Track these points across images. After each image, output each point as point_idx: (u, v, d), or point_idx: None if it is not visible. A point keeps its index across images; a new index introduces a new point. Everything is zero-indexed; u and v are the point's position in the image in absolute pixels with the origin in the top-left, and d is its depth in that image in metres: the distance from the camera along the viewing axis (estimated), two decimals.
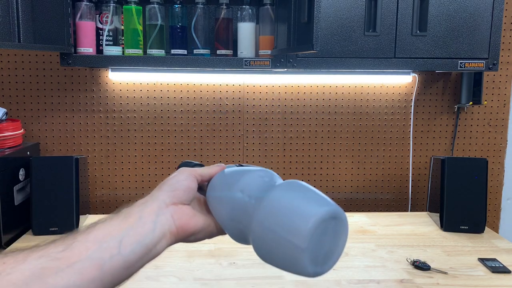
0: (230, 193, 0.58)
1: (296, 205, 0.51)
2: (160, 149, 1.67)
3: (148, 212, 0.55)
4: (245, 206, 0.56)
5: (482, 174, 1.44)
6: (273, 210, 0.52)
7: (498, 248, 1.33)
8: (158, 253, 0.56)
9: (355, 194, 1.75)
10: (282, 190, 0.54)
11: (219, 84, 1.65)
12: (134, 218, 0.54)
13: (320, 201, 0.52)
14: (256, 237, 0.53)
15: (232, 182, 0.60)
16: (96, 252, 0.49)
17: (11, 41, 1.10)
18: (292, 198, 0.52)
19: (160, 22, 1.39)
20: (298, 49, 1.15)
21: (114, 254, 0.50)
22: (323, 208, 0.50)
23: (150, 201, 0.57)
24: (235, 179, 0.60)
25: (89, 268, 0.48)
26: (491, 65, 1.36)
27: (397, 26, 1.32)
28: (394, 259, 1.25)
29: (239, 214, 0.56)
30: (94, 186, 1.66)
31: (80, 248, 0.49)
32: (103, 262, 0.49)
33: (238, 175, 0.61)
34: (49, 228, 1.38)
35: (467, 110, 1.72)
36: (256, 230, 0.53)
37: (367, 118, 1.70)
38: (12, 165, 1.37)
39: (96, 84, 1.62)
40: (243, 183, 0.58)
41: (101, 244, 0.50)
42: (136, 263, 0.53)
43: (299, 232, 0.48)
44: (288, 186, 0.55)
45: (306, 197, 0.52)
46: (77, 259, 0.48)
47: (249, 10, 1.41)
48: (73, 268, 0.48)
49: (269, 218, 0.52)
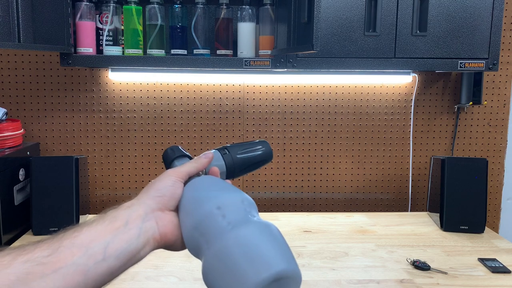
0: (207, 205, 0.56)
1: (258, 253, 0.50)
2: (160, 149, 1.67)
3: (134, 217, 0.56)
4: (216, 225, 0.54)
5: (482, 174, 1.44)
6: (238, 247, 0.50)
7: (498, 248, 1.33)
8: (141, 259, 0.56)
9: (355, 194, 1.75)
10: (255, 231, 0.52)
11: (219, 84, 1.65)
12: (120, 223, 0.55)
13: (282, 256, 0.50)
14: (210, 260, 0.52)
15: (212, 195, 0.58)
16: (81, 258, 0.50)
17: (11, 41, 1.10)
18: (258, 244, 0.51)
19: (160, 22, 1.39)
20: (298, 49, 1.15)
21: (98, 260, 0.51)
22: (280, 266, 0.49)
23: (136, 205, 0.57)
24: (217, 192, 0.59)
25: (74, 274, 0.49)
26: (491, 65, 1.36)
27: (397, 26, 1.32)
28: (394, 259, 1.25)
29: (206, 228, 0.55)
30: (94, 186, 1.66)
31: (66, 253, 0.50)
32: (87, 268, 0.50)
33: (220, 188, 0.60)
34: (49, 228, 1.38)
35: (467, 110, 1.72)
36: (214, 255, 0.52)
37: (367, 118, 1.70)
38: (12, 165, 1.37)
39: (96, 84, 1.62)
40: (223, 201, 0.56)
41: (87, 250, 0.51)
42: (120, 268, 0.53)
43: (248, 282, 0.48)
44: (262, 230, 0.53)
45: (271, 249, 0.51)
46: (62, 264, 0.49)
47: (249, 10, 1.41)
48: (57, 273, 0.48)
49: (231, 253, 0.50)
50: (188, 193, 0.60)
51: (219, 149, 0.73)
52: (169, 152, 0.71)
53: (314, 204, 1.75)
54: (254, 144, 0.76)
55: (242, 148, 0.74)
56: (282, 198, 1.73)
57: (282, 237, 0.54)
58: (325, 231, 1.46)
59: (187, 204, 0.59)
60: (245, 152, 0.74)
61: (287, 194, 1.73)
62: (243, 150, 0.74)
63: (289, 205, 1.74)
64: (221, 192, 0.59)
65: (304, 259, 1.24)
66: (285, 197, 1.73)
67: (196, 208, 0.57)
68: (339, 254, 1.28)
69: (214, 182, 0.62)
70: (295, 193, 1.73)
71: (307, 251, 1.29)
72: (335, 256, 1.27)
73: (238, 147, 0.74)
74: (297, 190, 1.73)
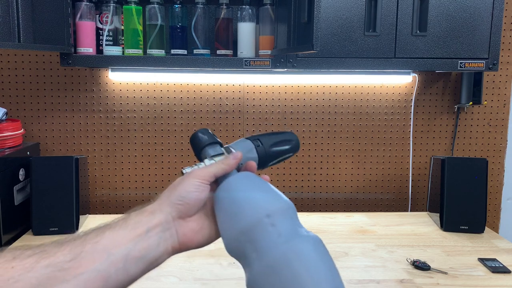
0: (255, 211, 0.55)
1: (316, 269, 0.50)
2: (160, 149, 1.67)
3: (155, 224, 0.56)
4: (266, 235, 0.53)
5: (482, 174, 1.44)
6: (295, 261, 0.50)
7: (498, 248, 1.33)
8: (158, 265, 0.57)
9: (355, 194, 1.75)
10: (309, 246, 0.52)
11: (219, 84, 1.65)
12: (141, 230, 0.55)
13: (334, 274, 0.51)
14: (262, 271, 0.51)
15: (259, 199, 0.57)
16: (102, 264, 0.50)
17: (11, 41, 1.10)
18: (315, 260, 0.51)
19: (160, 22, 1.39)
20: (298, 49, 1.15)
21: (119, 267, 0.51)
22: (335, 282, 0.50)
23: (158, 212, 0.57)
24: (263, 195, 0.57)
25: (95, 280, 0.49)
26: (491, 65, 1.36)
27: (397, 26, 1.32)
28: (394, 259, 1.25)
29: (255, 236, 0.53)
30: (94, 186, 1.66)
31: (88, 259, 0.50)
32: (108, 274, 0.50)
33: (265, 190, 0.58)
34: (49, 228, 1.38)
35: (467, 110, 1.72)
36: (267, 266, 0.51)
37: (367, 118, 1.70)
38: (12, 165, 1.37)
39: (96, 84, 1.62)
40: (272, 208, 0.55)
41: (108, 256, 0.51)
42: (138, 275, 0.54)
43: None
44: (315, 246, 0.53)
45: (325, 265, 0.52)
46: (83, 270, 0.49)
47: (249, 10, 1.41)
48: (78, 279, 0.48)
49: (288, 267, 0.50)
50: (228, 194, 0.58)
51: (251, 139, 0.69)
52: (200, 136, 0.66)
53: (314, 204, 1.75)
54: (286, 135, 0.73)
55: (275, 140, 0.70)
56: None
57: (328, 252, 0.55)
58: (325, 231, 1.46)
59: (228, 207, 0.57)
60: (278, 145, 0.70)
61: (287, 194, 1.73)
62: (277, 142, 0.70)
63: None
64: (267, 196, 0.57)
65: None
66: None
67: (242, 212, 0.55)
68: (339, 254, 1.28)
69: (256, 182, 0.60)
70: (295, 193, 1.73)
71: None
72: (335, 256, 1.26)
73: (271, 139, 0.70)
74: (297, 190, 1.73)
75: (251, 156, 0.67)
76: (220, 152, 0.65)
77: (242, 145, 0.68)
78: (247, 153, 0.66)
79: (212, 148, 0.65)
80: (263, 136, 0.70)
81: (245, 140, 0.69)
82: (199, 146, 0.65)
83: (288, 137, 0.73)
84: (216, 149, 0.65)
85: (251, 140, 0.68)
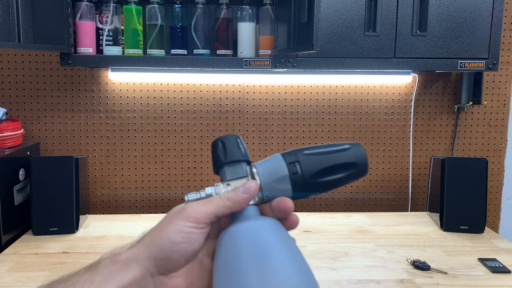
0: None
1: None
2: (160, 149, 1.67)
3: (127, 283, 0.43)
4: None
5: (482, 174, 1.44)
6: None
7: (498, 248, 1.33)
8: None
9: (355, 194, 1.75)
10: None
11: (219, 84, 1.65)
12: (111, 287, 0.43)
13: None
14: None
15: (282, 280, 0.39)
16: None
17: (11, 41, 1.10)
18: None
19: (160, 22, 1.39)
20: (298, 49, 1.15)
21: None
22: None
23: (133, 264, 0.44)
24: (287, 278, 0.39)
25: None
26: (491, 65, 1.36)
27: (397, 26, 1.32)
28: (394, 259, 1.25)
29: None
30: (94, 186, 1.66)
31: None
32: None
33: (292, 272, 0.40)
34: (49, 228, 1.38)
35: (467, 110, 1.72)
36: None
37: (367, 118, 1.70)
38: (12, 165, 1.37)
39: (96, 84, 1.62)
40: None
41: None
42: None
43: None
44: None
45: None
46: None
47: (249, 10, 1.41)
48: None
49: None
50: (231, 258, 0.42)
51: (287, 158, 0.48)
52: (220, 149, 0.48)
53: (314, 204, 1.75)
54: (344, 154, 0.48)
55: (323, 164, 0.47)
56: None
57: None
58: (325, 231, 1.46)
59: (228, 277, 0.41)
60: (328, 173, 0.48)
61: None
62: (326, 168, 0.47)
63: None
64: (293, 279, 0.39)
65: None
66: None
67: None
68: (339, 254, 1.28)
69: (277, 248, 0.42)
70: None
71: (307, 251, 1.29)
72: (335, 256, 1.27)
73: (317, 161, 0.47)
74: None
75: (281, 187, 0.47)
76: (241, 175, 0.48)
77: (272, 167, 0.47)
78: (275, 183, 0.47)
79: (231, 168, 0.48)
80: (307, 156, 0.48)
81: (280, 159, 0.48)
82: (218, 162, 0.49)
83: (348, 159, 0.48)
84: (236, 169, 0.48)
85: (287, 162, 0.47)
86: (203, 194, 0.47)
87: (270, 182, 0.47)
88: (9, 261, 1.22)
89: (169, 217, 0.45)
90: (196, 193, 0.47)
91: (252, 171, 0.48)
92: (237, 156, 0.48)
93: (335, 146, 0.48)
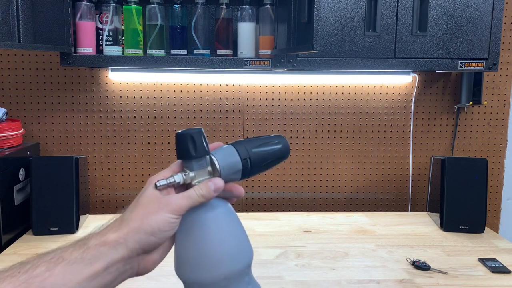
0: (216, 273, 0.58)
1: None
2: (160, 149, 1.67)
3: (116, 260, 0.52)
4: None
5: (482, 174, 1.44)
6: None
7: (498, 248, 1.33)
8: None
9: (355, 194, 1.75)
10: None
11: (219, 84, 1.65)
12: (100, 266, 0.50)
13: None
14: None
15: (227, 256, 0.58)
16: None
17: (11, 41, 1.10)
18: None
19: (160, 22, 1.39)
20: (298, 49, 1.15)
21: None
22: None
23: (122, 246, 0.52)
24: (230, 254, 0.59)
25: None
26: (491, 65, 1.36)
27: (397, 26, 1.32)
28: (394, 259, 1.25)
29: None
30: (94, 186, 1.66)
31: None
32: None
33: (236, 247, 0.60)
34: (49, 228, 1.38)
35: (467, 110, 1.72)
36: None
37: (367, 118, 1.70)
38: (12, 165, 1.37)
39: (96, 84, 1.62)
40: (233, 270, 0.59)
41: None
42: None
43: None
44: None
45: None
46: None
47: (249, 10, 1.41)
48: None
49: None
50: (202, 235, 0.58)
51: (240, 151, 0.62)
52: (189, 144, 0.59)
53: (314, 204, 1.75)
54: (271, 138, 0.65)
55: (258, 143, 0.63)
56: (282, 198, 1.73)
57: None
58: (325, 231, 1.46)
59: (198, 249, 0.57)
60: (262, 146, 0.63)
61: (287, 194, 1.73)
62: (259, 144, 0.63)
63: (289, 205, 1.74)
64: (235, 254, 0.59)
65: (304, 259, 1.24)
66: (285, 197, 1.73)
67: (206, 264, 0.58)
68: (339, 254, 1.28)
69: (233, 230, 0.61)
70: (295, 193, 1.73)
71: (307, 251, 1.29)
72: (335, 256, 1.27)
73: (253, 142, 0.63)
74: (297, 190, 1.73)
75: (234, 177, 0.61)
76: (204, 166, 0.59)
77: (229, 160, 0.60)
78: (231, 174, 0.60)
79: (197, 160, 0.59)
80: (255, 153, 0.62)
81: (234, 152, 0.60)
82: (187, 155, 0.59)
83: (282, 153, 0.65)
84: (201, 161, 0.59)
85: (241, 158, 0.60)
86: (171, 180, 0.57)
87: (228, 174, 0.59)
88: (9, 261, 1.21)
89: (153, 207, 0.54)
90: (166, 180, 0.57)
91: (214, 163, 0.59)
92: (204, 152, 0.58)
93: (270, 140, 0.64)
